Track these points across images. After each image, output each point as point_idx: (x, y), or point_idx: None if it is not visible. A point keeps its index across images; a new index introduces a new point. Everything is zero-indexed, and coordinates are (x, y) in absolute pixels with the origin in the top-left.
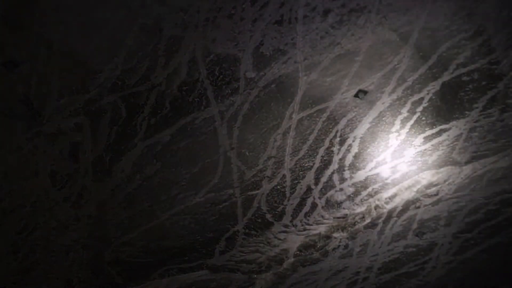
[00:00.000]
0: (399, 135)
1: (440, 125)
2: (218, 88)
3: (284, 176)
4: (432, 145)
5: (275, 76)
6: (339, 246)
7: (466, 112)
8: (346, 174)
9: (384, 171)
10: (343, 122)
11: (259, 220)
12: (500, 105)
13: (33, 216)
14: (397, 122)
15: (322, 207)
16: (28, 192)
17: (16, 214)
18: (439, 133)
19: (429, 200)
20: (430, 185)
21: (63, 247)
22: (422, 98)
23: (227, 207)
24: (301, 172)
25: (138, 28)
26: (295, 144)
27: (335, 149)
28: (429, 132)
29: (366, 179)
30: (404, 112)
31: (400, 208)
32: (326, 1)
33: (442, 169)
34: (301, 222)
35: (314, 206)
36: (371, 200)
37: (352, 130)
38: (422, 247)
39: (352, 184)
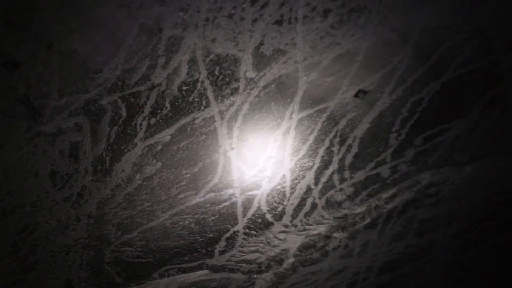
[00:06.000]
0: (399, 135)
1: (440, 125)
2: (218, 88)
3: (284, 176)
4: (432, 145)
5: (275, 76)
6: (339, 246)
7: (466, 112)
8: (346, 174)
9: (384, 171)
10: (343, 122)
11: (259, 220)
12: (500, 105)
13: (33, 216)
14: (397, 122)
15: (322, 207)
16: (28, 192)
17: (16, 214)
18: (439, 133)
19: (429, 200)
20: (430, 185)
21: (63, 247)
22: (422, 98)
23: (227, 207)
24: (301, 172)
25: (138, 28)
26: (295, 144)
27: (335, 149)
28: (429, 132)
29: (366, 179)
30: (404, 112)
31: (400, 208)
32: (326, 1)
33: (442, 169)
34: (301, 222)
35: (314, 206)
36: (371, 200)
37: (352, 130)
38: (422, 247)
39: (352, 184)
